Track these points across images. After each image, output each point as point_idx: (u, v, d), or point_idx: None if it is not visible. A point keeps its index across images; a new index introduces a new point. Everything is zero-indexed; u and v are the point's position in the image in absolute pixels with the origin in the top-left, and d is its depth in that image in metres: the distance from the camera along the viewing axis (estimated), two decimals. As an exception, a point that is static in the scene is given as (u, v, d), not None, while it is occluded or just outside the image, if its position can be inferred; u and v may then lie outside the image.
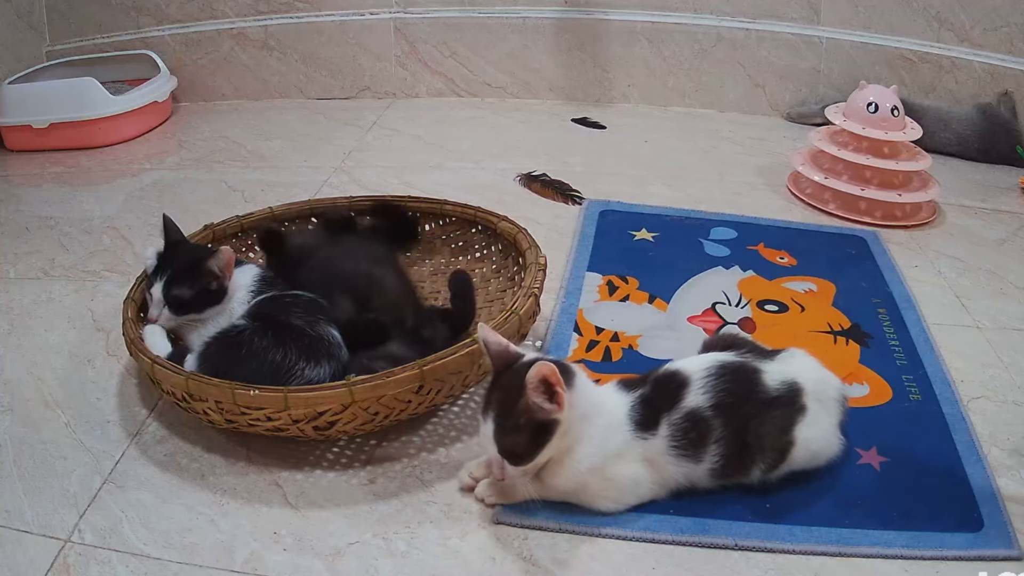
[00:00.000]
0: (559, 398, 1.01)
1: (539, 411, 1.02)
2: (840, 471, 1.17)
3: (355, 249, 1.48)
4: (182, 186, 2.09)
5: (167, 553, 1.07)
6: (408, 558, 1.07)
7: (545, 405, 1.01)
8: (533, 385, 1.00)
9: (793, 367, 1.14)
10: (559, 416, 1.02)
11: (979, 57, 2.25)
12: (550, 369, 1.00)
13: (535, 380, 1.00)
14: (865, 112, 1.88)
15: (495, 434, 1.03)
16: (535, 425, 1.02)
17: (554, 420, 1.02)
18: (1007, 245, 1.82)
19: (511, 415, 1.02)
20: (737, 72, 2.49)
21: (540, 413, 1.02)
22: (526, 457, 1.03)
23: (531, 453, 1.03)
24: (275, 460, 1.22)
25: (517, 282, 1.48)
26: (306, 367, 1.21)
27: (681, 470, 1.10)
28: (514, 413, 1.02)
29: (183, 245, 1.38)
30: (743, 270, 1.67)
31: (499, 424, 1.03)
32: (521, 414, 1.02)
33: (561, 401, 1.02)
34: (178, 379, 1.16)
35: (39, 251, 1.79)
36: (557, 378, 1.01)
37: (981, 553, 1.05)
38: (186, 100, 2.63)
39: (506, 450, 1.03)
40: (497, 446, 1.04)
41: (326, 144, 2.30)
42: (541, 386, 1.01)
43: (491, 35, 2.55)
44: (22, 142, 2.29)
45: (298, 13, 2.56)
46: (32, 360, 1.45)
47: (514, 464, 1.04)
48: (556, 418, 1.02)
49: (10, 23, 2.45)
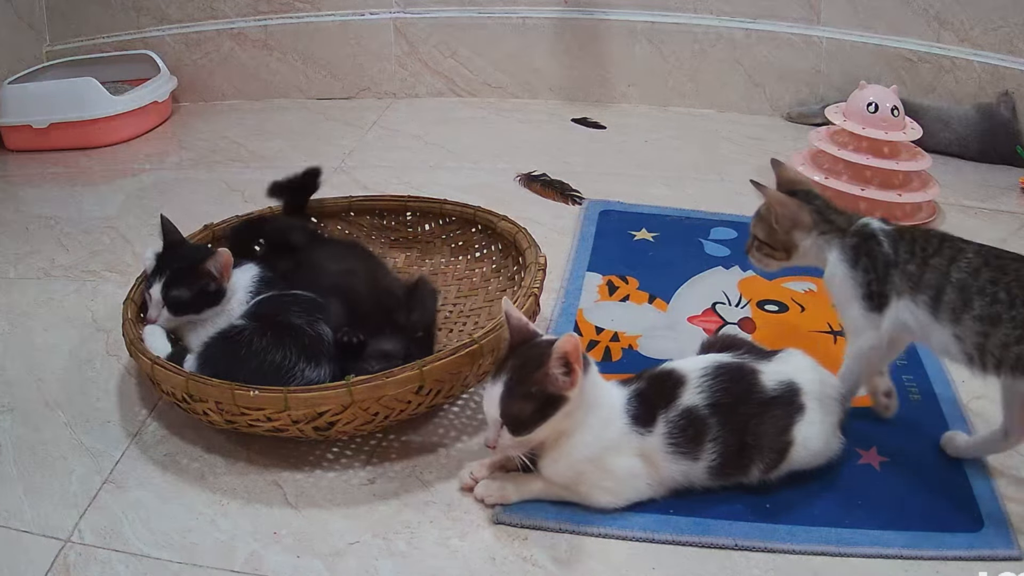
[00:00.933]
0: (575, 375, 1.03)
1: (553, 383, 1.03)
2: (840, 471, 1.17)
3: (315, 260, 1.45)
4: (182, 186, 2.09)
5: (167, 553, 1.07)
6: (408, 558, 1.07)
7: (561, 378, 1.03)
8: (558, 354, 1.02)
9: (791, 367, 1.14)
10: (569, 393, 1.04)
11: (979, 57, 2.25)
12: (574, 345, 1.02)
13: (561, 350, 1.02)
14: (865, 112, 1.88)
15: (502, 396, 1.04)
16: (544, 397, 1.03)
17: (563, 396, 1.04)
18: (1007, 245, 1.79)
19: (524, 382, 1.04)
20: (737, 72, 2.48)
21: (553, 386, 1.03)
22: (527, 426, 1.04)
23: (533, 423, 1.04)
24: (275, 460, 1.22)
25: (517, 282, 1.49)
26: (306, 367, 1.21)
27: (679, 468, 1.10)
28: (527, 381, 1.03)
29: (182, 246, 1.39)
30: (743, 270, 1.67)
31: (509, 388, 1.04)
32: (534, 383, 1.03)
33: (575, 379, 1.03)
34: (178, 380, 1.16)
35: (39, 251, 1.79)
36: (578, 356, 1.03)
37: (981, 553, 1.05)
38: (186, 100, 2.63)
39: (510, 415, 1.04)
40: (501, 408, 1.04)
41: (326, 144, 2.30)
42: (564, 358, 1.02)
43: (491, 35, 2.54)
44: (22, 142, 2.29)
45: (298, 13, 2.56)
46: (32, 360, 1.45)
47: (513, 432, 1.05)
48: (566, 394, 1.04)
49: (10, 23, 2.45)
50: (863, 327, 1.19)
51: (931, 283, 1.12)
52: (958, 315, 1.09)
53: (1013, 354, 1.06)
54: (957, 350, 1.11)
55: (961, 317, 1.09)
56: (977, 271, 1.10)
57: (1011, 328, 1.06)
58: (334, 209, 1.68)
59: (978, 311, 1.08)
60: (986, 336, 1.07)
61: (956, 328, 1.10)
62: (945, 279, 1.11)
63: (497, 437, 1.06)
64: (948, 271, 1.11)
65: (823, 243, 1.23)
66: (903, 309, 1.15)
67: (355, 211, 1.69)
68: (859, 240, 1.20)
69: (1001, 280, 1.08)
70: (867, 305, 1.17)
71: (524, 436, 1.05)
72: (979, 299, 1.08)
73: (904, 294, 1.15)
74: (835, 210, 1.25)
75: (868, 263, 1.18)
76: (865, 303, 1.18)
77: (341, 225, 1.69)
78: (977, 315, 1.08)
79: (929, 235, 1.17)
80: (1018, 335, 1.05)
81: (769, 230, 1.25)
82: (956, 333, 1.10)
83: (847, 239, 1.21)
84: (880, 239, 1.18)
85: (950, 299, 1.10)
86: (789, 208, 1.23)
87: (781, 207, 1.23)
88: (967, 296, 1.09)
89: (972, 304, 1.08)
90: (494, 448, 1.07)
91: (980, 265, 1.11)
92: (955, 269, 1.11)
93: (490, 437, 1.07)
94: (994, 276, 1.09)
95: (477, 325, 1.48)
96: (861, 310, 1.18)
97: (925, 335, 1.14)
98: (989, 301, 1.08)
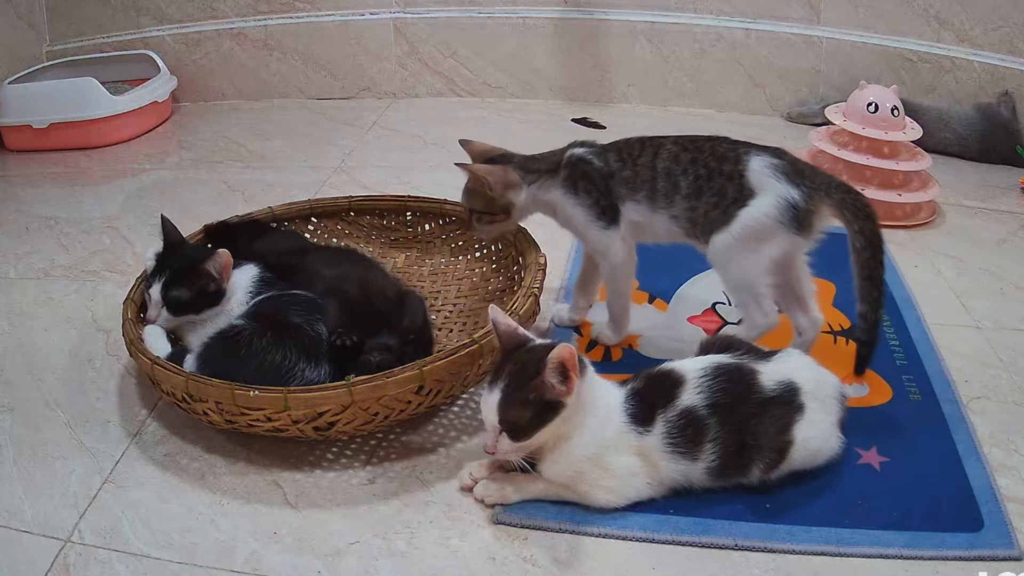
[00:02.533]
0: (571, 383, 1.03)
1: (550, 390, 1.03)
2: (840, 471, 1.17)
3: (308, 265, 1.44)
4: (182, 186, 2.09)
5: (167, 553, 1.07)
6: (408, 558, 1.07)
7: (558, 386, 1.03)
8: (554, 364, 1.02)
9: (790, 367, 1.14)
10: (566, 400, 1.04)
11: (979, 57, 2.25)
12: (571, 353, 1.02)
13: (556, 360, 1.02)
14: (865, 112, 1.88)
15: (500, 403, 1.04)
16: (542, 403, 1.04)
17: (560, 402, 1.04)
18: (1007, 245, 1.82)
19: (522, 388, 1.04)
20: (737, 72, 2.48)
21: (551, 393, 1.03)
22: (525, 432, 1.04)
23: (531, 429, 1.04)
24: (275, 460, 1.22)
25: (517, 282, 1.49)
26: (306, 367, 1.21)
27: (678, 468, 1.10)
28: (525, 387, 1.03)
29: (182, 246, 1.39)
30: (743, 270, 1.67)
31: (507, 394, 1.04)
32: (532, 390, 1.03)
33: (572, 387, 1.04)
34: (178, 380, 1.16)
35: (39, 251, 1.79)
36: (574, 364, 1.03)
37: (981, 553, 1.05)
38: (186, 100, 2.63)
39: (508, 421, 1.04)
40: (500, 415, 1.04)
41: (326, 144, 2.30)
42: (560, 367, 1.03)
43: (491, 35, 2.55)
44: (22, 142, 2.29)
45: (298, 13, 2.56)
46: (32, 360, 1.45)
47: (512, 438, 1.05)
48: (563, 401, 1.04)
49: (10, 23, 2.45)
50: (608, 243, 1.34)
51: (645, 179, 1.30)
52: (671, 198, 1.29)
53: (711, 219, 1.27)
54: (678, 229, 1.31)
55: (674, 199, 1.29)
56: (677, 157, 1.30)
57: (710, 196, 1.27)
58: (334, 209, 1.68)
59: (685, 190, 1.28)
60: (694, 209, 1.28)
61: (672, 210, 1.29)
62: (654, 172, 1.30)
63: (496, 442, 1.06)
64: (655, 164, 1.30)
65: (541, 190, 1.35)
66: (630, 211, 1.32)
67: (355, 211, 1.69)
68: (571, 170, 1.33)
69: (699, 159, 1.29)
70: (603, 223, 1.32)
71: (523, 442, 1.05)
72: (684, 179, 1.28)
73: (626, 198, 1.32)
74: (536, 159, 1.37)
75: (587, 185, 1.32)
76: (601, 222, 1.32)
77: (341, 225, 1.69)
78: (685, 193, 1.28)
79: (630, 140, 1.35)
80: (715, 201, 1.27)
81: (486, 199, 1.36)
82: (673, 214, 1.30)
83: (560, 174, 1.33)
84: (588, 159, 1.33)
85: (662, 187, 1.29)
86: (496, 174, 1.34)
87: (490, 175, 1.33)
88: (674, 180, 1.29)
89: (680, 185, 1.28)
90: (493, 453, 1.07)
91: (679, 151, 1.30)
92: (660, 161, 1.30)
93: (488, 442, 1.07)
94: (693, 156, 1.29)
95: (477, 325, 1.48)
96: (600, 230, 1.33)
97: (652, 227, 1.32)
98: (693, 179, 1.28)
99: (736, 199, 1.26)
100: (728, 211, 1.26)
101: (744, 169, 1.26)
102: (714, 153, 1.28)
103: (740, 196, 1.26)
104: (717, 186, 1.26)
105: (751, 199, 1.25)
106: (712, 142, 1.30)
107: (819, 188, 1.25)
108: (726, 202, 1.26)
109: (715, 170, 1.27)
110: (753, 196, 1.25)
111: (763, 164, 1.26)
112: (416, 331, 1.33)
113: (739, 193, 1.26)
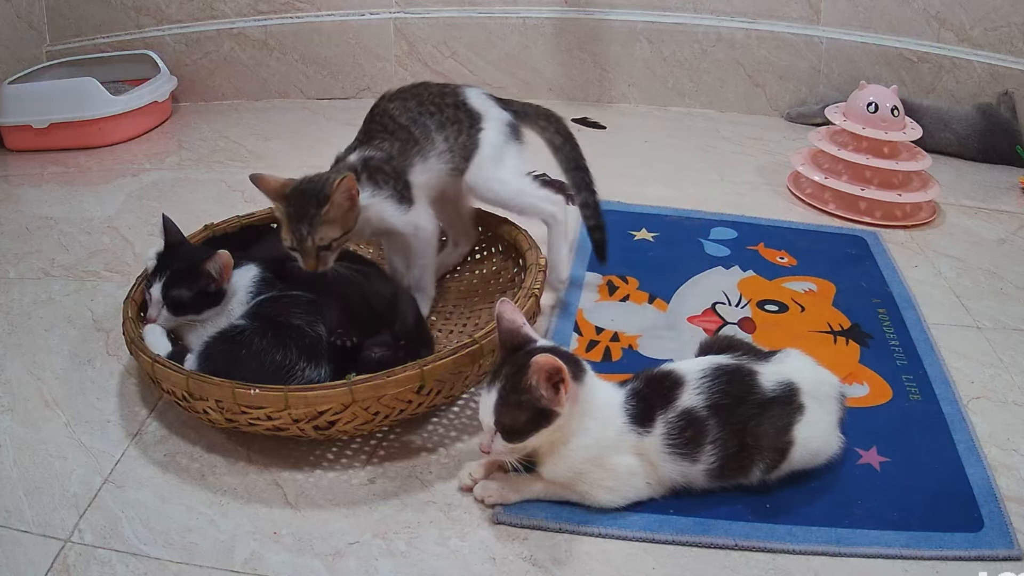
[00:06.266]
0: (560, 394, 1.03)
1: (540, 400, 1.03)
2: (840, 471, 1.17)
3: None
4: (182, 186, 2.09)
5: (167, 553, 1.07)
6: (408, 558, 1.07)
7: (546, 395, 1.03)
8: (536, 376, 1.02)
9: (789, 367, 1.14)
10: (560, 409, 1.03)
11: (979, 57, 2.25)
12: (550, 363, 1.01)
13: (537, 371, 1.01)
14: (865, 112, 1.88)
15: (496, 405, 1.04)
16: (536, 408, 1.03)
17: (553, 411, 1.04)
18: (1007, 245, 1.82)
19: (517, 391, 1.03)
20: (737, 72, 2.49)
21: (542, 401, 1.03)
22: (520, 435, 1.04)
23: (526, 432, 1.04)
24: (275, 460, 1.22)
25: (518, 283, 1.49)
26: (306, 367, 1.21)
27: (677, 468, 1.10)
28: (520, 390, 1.03)
29: (182, 246, 1.38)
30: (743, 270, 1.67)
31: (503, 396, 1.04)
32: (527, 393, 1.03)
33: (562, 399, 1.03)
34: (178, 378, 1.16)
35: (39, 251, 1.79)
36: (563, 376, 1.02)
37: (981, 553, 1.05)
38: (186, 100, 2.63)
39: (503, 423, 1.04)
40: (495, 417, 1.04)
41: (326, 144, 2.27)
42: (544, 376, 1.02)
43: (491, 35, 2.55)
44: (22, 142, 2.29)
45: (298, 13, 2.56)
46: (32, 360, 1.45)
47: (507, 440, 1.05)
48: (556, 410, 1.03)
49: (10, 23, 2.45)
50: (416, 220, 1.41)
51: (405, 138, 1.40)
52: (430, 137, 1.41)
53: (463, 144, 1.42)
54: (450, 165, 1.43)
55: (432, 138, 1.41)
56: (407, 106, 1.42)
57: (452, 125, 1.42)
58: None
59: (434, 126, 1.41)
60: (448, 139, 1.41)
61: (437, 148, 1.41)
62: (406, 128, 1.40)
63: (491, 443, 1.06)
64: (399, 122, 1.40)
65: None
66: (416, 175, 1.40)
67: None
68: (368, 172, 1.37)
69: (424, 100, 1.43)
70: (405, 207, 1.39)
71: (517, 444, 1.05)
72: (428, 119, 1.41)
73: (408, 165, 1.40)
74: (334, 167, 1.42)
75: (379, 176, 1.37)
76: (404, 206, 1.39)
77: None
78: (436, 127, 1.41)
79: (368, 127, 1.44)
80: (458, 128, 1.42)
81: (343, 221, 1.31)
82: (439, 152, 1.41)
83: (362, 178, 1.36)
84: (370, 155, 1.39)
85: (419, 133, 1.40)
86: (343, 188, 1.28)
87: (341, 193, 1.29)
88: (422, 123, 1.41)
89: (428, 125, 1.41)
90: (488, 453, 1.07)
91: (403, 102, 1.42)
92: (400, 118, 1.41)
93: (484, 442, 1.07)
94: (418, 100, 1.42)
95: (477, 325, 1.48)
96: (405, 214, 1.39)
97: (435, 177, 1.42)
98: (431, 115, 1.41)
99: (472, 124, 1.44)
100: (471, 135, 1.43)
101: (464, 98, 1.45)
102: (430, 93, 1.44)
103: (473, 120, 1.44)
104: (452, 115, 1.43)
105: (481, 122, 1.44)
106: (416, 87, 1.46)
107: (517, 109, 1.50)
108: (466, 126, 1.43)
109: (442, 104, 1.43)
110: (481, 119, 1.44)
111: (475, 93, 1.47)
112: (407, 334, 1.33)
113: (471, 118, 1.44)
